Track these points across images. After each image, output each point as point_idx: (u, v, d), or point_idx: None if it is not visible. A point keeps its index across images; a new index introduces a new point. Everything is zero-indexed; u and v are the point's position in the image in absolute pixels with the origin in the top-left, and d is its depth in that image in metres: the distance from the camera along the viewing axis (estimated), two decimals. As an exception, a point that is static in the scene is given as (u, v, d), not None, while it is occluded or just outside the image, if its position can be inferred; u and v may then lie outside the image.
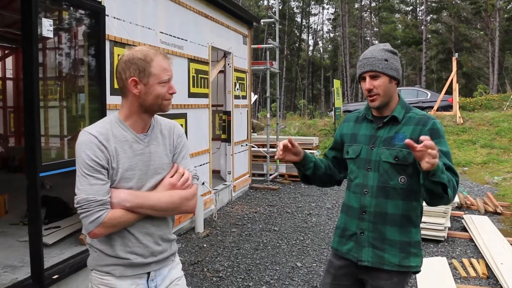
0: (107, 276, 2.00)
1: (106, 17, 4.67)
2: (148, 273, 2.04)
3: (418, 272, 2.44)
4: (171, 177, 2.07)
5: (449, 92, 18.49)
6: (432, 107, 17.36)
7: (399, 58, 2.43)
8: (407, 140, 1.97)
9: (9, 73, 11.43)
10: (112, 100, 4.80)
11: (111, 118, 2.04)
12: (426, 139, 1.90)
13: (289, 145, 2.44)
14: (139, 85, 1.95)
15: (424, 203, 2.34)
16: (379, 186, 2.34)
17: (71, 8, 5.09)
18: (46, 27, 3.84)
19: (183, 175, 2.09)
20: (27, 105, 3.68)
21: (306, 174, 2.62)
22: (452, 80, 17.39)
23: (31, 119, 3.62)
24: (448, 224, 6.30)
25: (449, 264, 5.26)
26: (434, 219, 6.17)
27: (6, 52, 11.13)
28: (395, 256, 2.33)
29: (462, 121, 16.29)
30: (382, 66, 2.32)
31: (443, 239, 6.19)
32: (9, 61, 11.33)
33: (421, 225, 2.58)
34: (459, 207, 7.90)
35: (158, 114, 2.12)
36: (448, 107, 17.86)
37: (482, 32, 35.03)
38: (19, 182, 7.97)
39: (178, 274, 2.20)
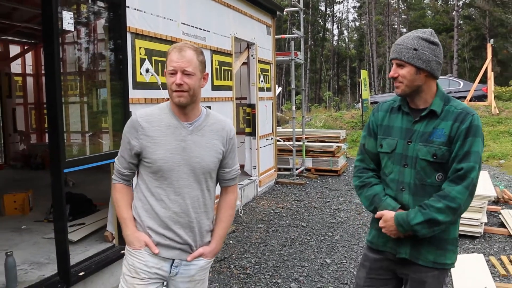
0: None
1: (127, 8, 4.70)
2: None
3: (452, 267, 2.46)
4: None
5: (483, 81, 18.14)
6: (465, 97, 17.03)
7: (438, 48, 2.32)
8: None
9: (29, 69, 11.63)
10: (134, 94, 4.85)
11: (162, 104, 2.39)
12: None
13: None
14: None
15: None
16: (416, 183, 2.33)
17: (91, 0, 5.15)
18: (67, 20, 3.89)
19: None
20: (50, 101, 3.74)
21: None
22: (486, 68, 17.06)
23: (54, 115, 3.68)
24: (485, 220, 6.20)
25: (486, 261, 5.15)
26: (470, 214, 6.05)
27: (25, 48, 11.32)
28: (431, 253, 2.34)
29: (497, 112, 16.00)
30: (409, 56, 2.28)
31: (479, 235, 6.08)
32: (28, 57, 11.52)
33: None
34: (496, 202, 7.75)
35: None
36: (483, 97, 17.54)
37: (519, 16, 34.14)
38: (42, 179, 8.17)
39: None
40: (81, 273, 3.94)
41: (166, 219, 2.28)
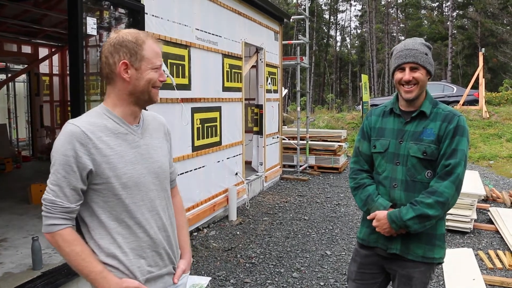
0: None
1: (145, 15, 4.69)
2: None
3: (441, 263, 2.43)
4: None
5: (475, 86, 18.01)
6: (458, 102, 16.94)
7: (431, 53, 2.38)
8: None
9: (55, 70, 11.66)
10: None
11: (96, 110, 1.76)
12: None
13: None
14: (129, 69, 1.70)
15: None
16: (407, 180, 2.31)
17: (113, 7, 5.13)
18: (90, 25, 3.88)
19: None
20: (74, 99, 3.73)
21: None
22: (478, 74, 16.92)
23: (77, 112, 3.68)
24: (474, 216, 6.12)
25: (475, 255, 5.11)
26: (461, 211, 5.98)
27: (53, 50, 11.35)
28: (420, 248, 2.32)
29: (488, 115, 15.85)
30: (424, 60, 2.28)
31: (469, 231, 6.00)
32: (55, 58, 11.56)
33: (448, 217, 2.54)
34: (485, 200, 7.68)
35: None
36: (474, 102, 17.39)
37: (508, 27, 33.81)
38: (65, 171, 8.17)
39: None
40: (99, 259, 3.93)
41: (145, 246, 1.74)
